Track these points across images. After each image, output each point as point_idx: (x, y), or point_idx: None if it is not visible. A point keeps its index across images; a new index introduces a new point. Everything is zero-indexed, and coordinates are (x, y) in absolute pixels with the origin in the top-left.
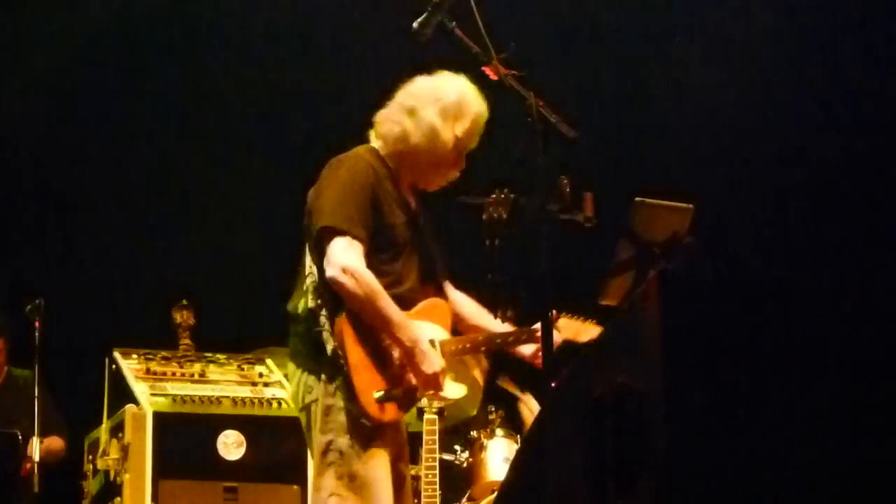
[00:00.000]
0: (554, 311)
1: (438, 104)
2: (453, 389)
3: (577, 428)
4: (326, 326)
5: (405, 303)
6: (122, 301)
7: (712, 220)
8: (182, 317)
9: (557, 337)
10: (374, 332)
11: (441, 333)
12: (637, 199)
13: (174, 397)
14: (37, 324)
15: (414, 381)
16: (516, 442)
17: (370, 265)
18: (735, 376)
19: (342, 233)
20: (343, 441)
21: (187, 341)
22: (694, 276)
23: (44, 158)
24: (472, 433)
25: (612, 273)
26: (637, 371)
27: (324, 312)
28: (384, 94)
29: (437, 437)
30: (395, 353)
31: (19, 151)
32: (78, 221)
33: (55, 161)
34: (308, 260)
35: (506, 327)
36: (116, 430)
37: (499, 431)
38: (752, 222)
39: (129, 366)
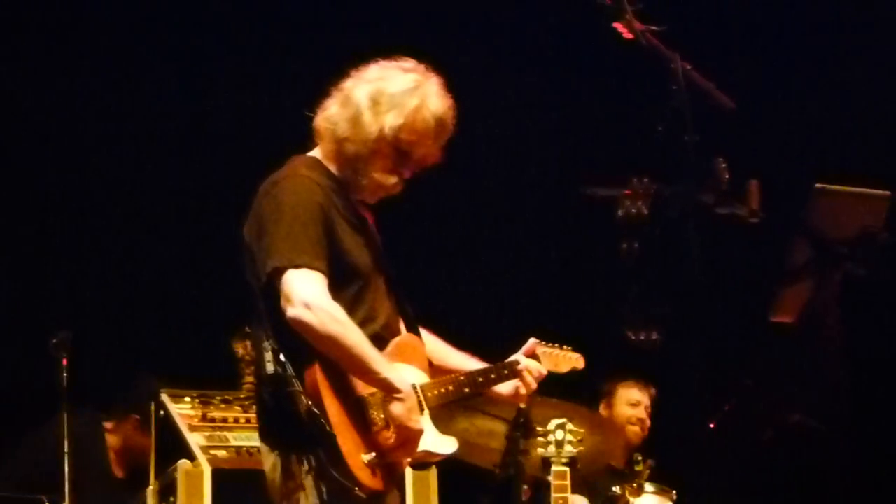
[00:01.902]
0: (533, 340)
1: (373, 86)
2: (442, 443)
3: (743, 482)
4: (298, 386)
5: (383, 343)
6: (169, 331)
7: None
8: (245, 348)
9: (542, 368)
10: (351, 381)
11: (420, 376)
12: (817, 185)
13: (237, 450)
14: (64, 361)
15: (392, 439)
16: (671, 499)
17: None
18: None
19: (297, 267)
20: None
21: (252, 379)
22: (889, 283)
23: (70, 157)
24: (614, 489)
25: (785, 281)
26: (816, 406)
27: (290, 371)
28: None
29: (568, 493)
30: (374, 403)
31: (40, 149)
32: (112, 236)
33: (82, 162)
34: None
35: (474, 362)
36: (167, 493)
37: (648, 487)
38: None
39: (181, 411)
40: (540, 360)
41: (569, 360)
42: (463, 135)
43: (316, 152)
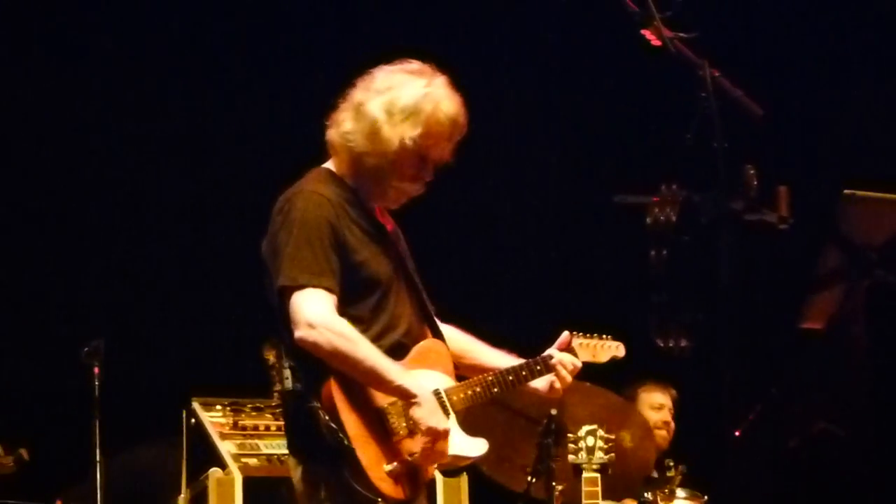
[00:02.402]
0: (566, 333)
1: (386, 96)
2: (472, 445)
3: (770, 489)
4: (316, 401)
5: (405, 350)
6: (200, 338)
7: None
8: (276, 356)
9: (577, 361)
10: (370, 392)
11: (444, 381)
12: (845, 191)
13: (269, 458)
14: (96, 370)
15: (419, 445)
16: None
17: (356, 318)
18: None
19: (301, 287)
20: None
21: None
22: None
23: (105, 166)
24: (646, 495)
25: (815, 288)
26: (841, 414)
27: (308, 387)
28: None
29: (599, 500)
30: (396, 412)
31: (75, 159)
32: (145, 244)
33: (116, 171)
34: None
35: (510, 359)
36: (198, 501)
37: (680, 492)
38: None
39: (212, 419)
40: (576, 352)
41: (608, 348)
42: (491, 142)
43: (330, 163)
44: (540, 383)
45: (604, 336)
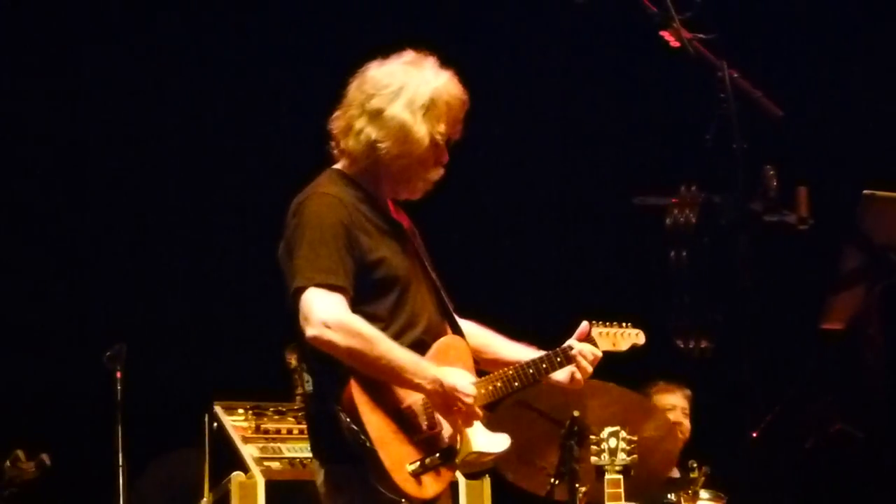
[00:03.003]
0: (585, 323)
1: (403, 96)
2: (493, 441)
3: (787, 491)
4: (336, 404)
5: (425, 347)
6: (222, 342)
7: None
8: (298, 359)
9: (597, 350)
10: (390, 391)
11: (465, 377)
12: (866, 191)
13: (291, 461)
14: (118, 374)
15: (447, 435)
16: None
17: (376, 316)
18: None
19: (315, 286)
20: None
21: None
22: None
23: (125, 173)
24: (669, 496)
25: (835, 288)
26: (858, 415)
27: (329, 389)
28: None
29: (622, 502)
30: (417, 411)
31: (95, 168)
32: (166, 247)
33: (136, 174)
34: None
35: (531, 352)
36: None
37: (703, 494)
38: None
39: (234, 423)
40: (595, 341)
41: (628, 336)
42: (514, 143)
43: (340, 165)
44: (561, 375)
45: (623, 324)
